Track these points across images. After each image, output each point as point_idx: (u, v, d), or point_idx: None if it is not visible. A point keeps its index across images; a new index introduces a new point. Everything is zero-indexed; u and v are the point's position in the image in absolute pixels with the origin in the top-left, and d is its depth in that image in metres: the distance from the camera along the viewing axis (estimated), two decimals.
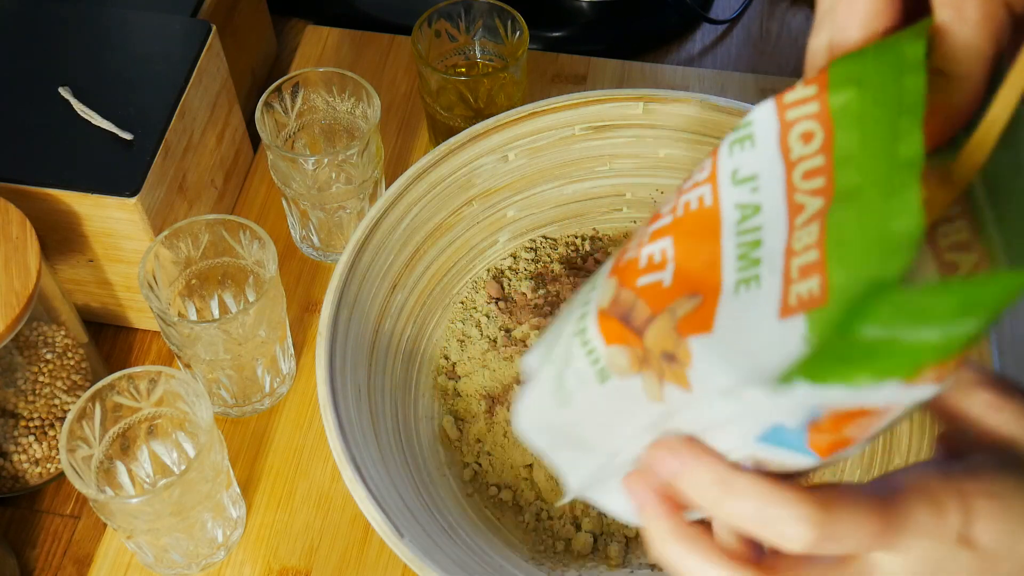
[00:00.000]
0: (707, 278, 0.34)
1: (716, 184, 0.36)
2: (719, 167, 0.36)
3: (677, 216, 0.36)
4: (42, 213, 0.64)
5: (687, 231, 0.35)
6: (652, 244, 0.36)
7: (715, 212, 0.35)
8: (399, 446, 0.61)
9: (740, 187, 0.35)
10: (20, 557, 0.64)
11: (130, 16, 0.71)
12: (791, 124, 0.34)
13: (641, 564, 0.60)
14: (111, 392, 0.57)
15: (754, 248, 0.33)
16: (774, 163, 0.34)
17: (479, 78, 0.75)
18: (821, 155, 0.33)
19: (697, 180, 0.36)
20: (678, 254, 0.35)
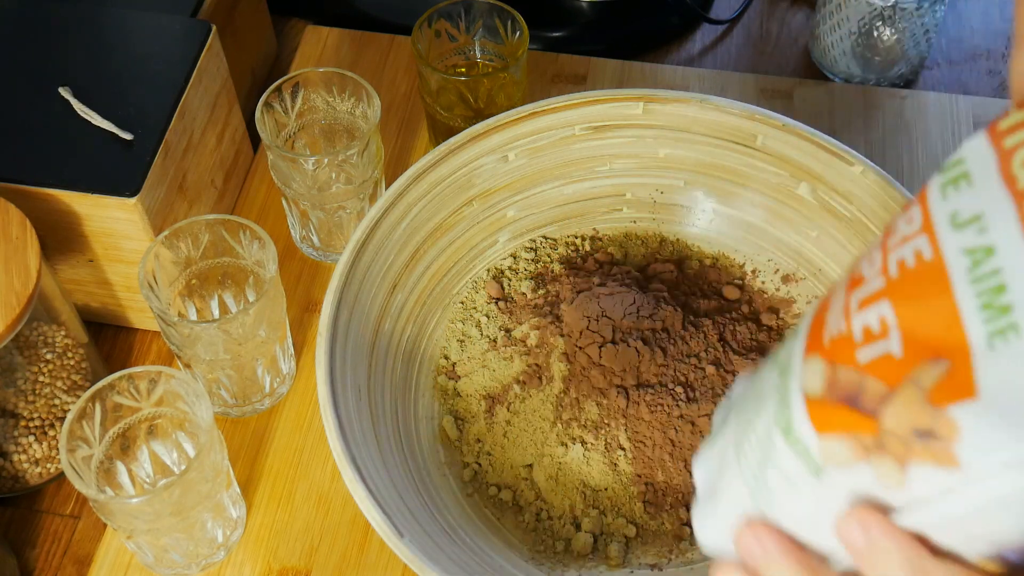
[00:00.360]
0: (948, 338, 0.30)
1: (933, 233, 0.31)
2: (932, 214, 0.32)
3: (891, 277, 0.32)
4: (42, 213, 0.64)
5: (908, 291, 0.31)
6: (864, 312, 0.32)
7: (939, 264, 0.31)
8: (399, 446, 0.61)
9: (964, 231, 0.31)
10: (20, 557, 0.64)
11: (130, 16, 0.71)
12: (1011, 152, 0.31)
13: (641, 564, 0.60)
14: (111, 392, 0.57)
15: (999, 294, 0.29)
16: (1000, 198, 0.30)
17: (479, 78, 0.75)
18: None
19: (906, 234, 0.32)
20: (902, 319, 0.31)
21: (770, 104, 0.82)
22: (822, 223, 0.68)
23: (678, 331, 0.65)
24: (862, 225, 0.66)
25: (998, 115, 0.31)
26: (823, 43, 0.85)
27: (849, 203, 0.66)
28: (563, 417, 0.63)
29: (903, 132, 0.81)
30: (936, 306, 0.30)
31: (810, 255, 0.69)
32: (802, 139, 0.67)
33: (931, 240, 0.31)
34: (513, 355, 0.66)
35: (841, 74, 0.85)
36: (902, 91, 0.84)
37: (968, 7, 0.91)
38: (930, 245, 0.31)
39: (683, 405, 0.63)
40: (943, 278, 0.30)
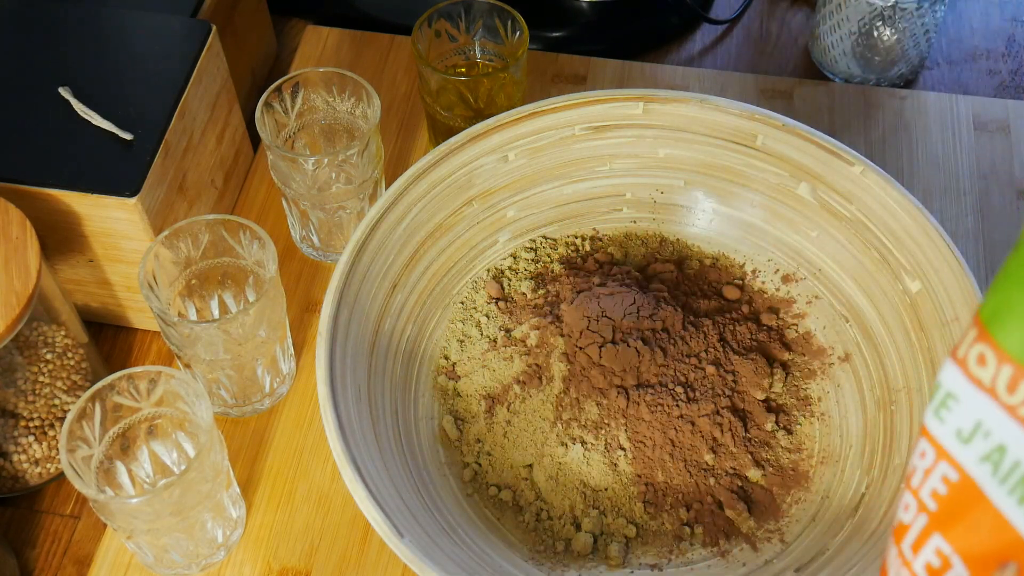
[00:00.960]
0: (1004, 541, 0.32)
1: (949, 456, 0.34)
2: (940, 440, 0.34)
3: (931, 511, 0.34)
4: (42, 213, 0.64)
5: (951, 516, 0.34)
6: (921, 553, 0.34)
7: (966, 480, 0.33)
8: (399, 446, 0.61)
9: (972, 442, 0.33)
10: (20, 557, 0.64)
11: (130, 16, 0.71)
12: (964, 359, 0.34)
13: (641, 564, 0.60)
14: (111, 392, 0.57)
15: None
16: (988, 405, 0.33)
17: (479, 78, 0.75)
18: (1010, 367, 0.32)
19: (927, 467, 0.35)
20: (956, 543, 0.33)
21: (770, 104, 0.82)
22: (822, 223, 0.68)
23: (678, 331, 0.65)
24: (862, 225, 0.66)
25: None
26: (823, 43, 0.85)
27: (849, 203, 0.66)
28: (563, 417, 0.63)
29: (903, 132, 0.81)
30: (980, 518, 0.32)
31: (810, 255, 0.69)
32: (802, 139, 0.67)
33: (951, 463, 0.33)
34: (513, 355, 0.66)
35: (841, 74, 0.85)
36: (902, 91, 0.84)
37: (968, 7, 0.91)
38: (952, 467, 0.33)
39: (683, 405, 0.63)
40: (975, 491, 0.33)
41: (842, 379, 0.66)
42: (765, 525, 0.62)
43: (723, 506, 0.62)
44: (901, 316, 0.64)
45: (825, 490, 0.63)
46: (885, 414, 0.63)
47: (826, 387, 0.67)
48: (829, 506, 0.62)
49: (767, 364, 0.66)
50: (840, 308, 0.68)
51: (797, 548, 0.60)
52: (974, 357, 0.33)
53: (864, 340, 0.66)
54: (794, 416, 0.65)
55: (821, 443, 0.65)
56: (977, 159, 0.80)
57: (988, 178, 0.79)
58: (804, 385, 0.67)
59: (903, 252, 0.64)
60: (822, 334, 0.68)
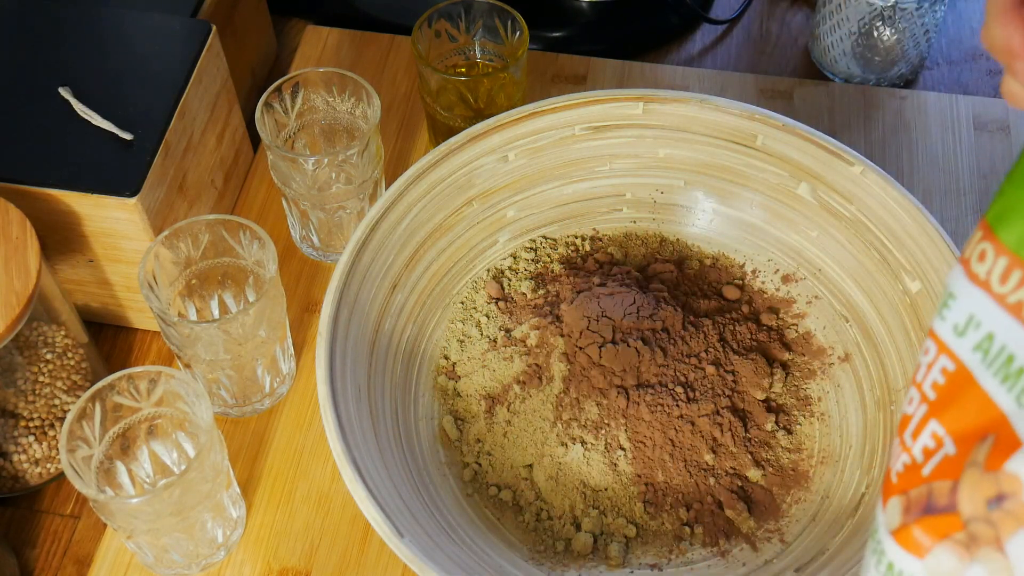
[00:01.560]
0: (987, 418, 0.35)
1: (947, 349, 0.37)
2: (940, 336, 0.37)
3: (931, 400, 0.37)
4: (42, 213, 0.64)
5: (947, 402, 0.36)
6: (919, 438, 0.37)
7: (961, 369, 0.36)
8: (399, 446, 0.61)
9: (966, 334, 0.36)
10: (20, 557, 0.64)
11: (130, 16, 0.71)
12: (968, 259, 0.36)
13: (641, 564, 0.60)
14: (111, 392, 0.57)
15: (1010, 363, 0.34)
16: (981, 297, 0.36)
17: (479, 78, 0.75)
18: (1006, 258, 0.35)
19: (929, 362, 0.38)
20: (949, 425, 0.36)
21: (770, 104, 0.82)
22: (822, 223, 0.68)
23: (678, 331, 0.65)
24: (862, 225, 0.66)
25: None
26: (823, 43, 0.85)
27: (849, 203, 0.66)
28: (563, 417, 0.63)
29: (903, 132, 0.81)
30: (970, 400, 0.35)
31: (810, 255, 0.69)
32: (802, 139, 0.67)
33: (949, 355, 0.36)
34: (513, 355, 0.66)
35: (841, 74, 0.85)
36: (902, 91, 0.84)
37: (968, 7, 0.91)
38: (949, 359, 0.36)
39: (683, 405, 0.63)
40: (968, 377, 0.36)
41: (842, 379, 0.66)
42: (765, 525, 0.62)
43: (723, 506, 0.62)
44: (901, 316, 0.64)
45: (825, 490, 0.63)
46: (885, 414, 0.63)
47: (826, 387, 0.67)
48: (829, 506, 0.62)
49: (767, 364, 0.66)
50: (840, 308, 0.68)
51: (797, 548, 0.60)
52: (976, 255, 0.36)
53: (864, 340, 0.66)
54: (794, 416, 0.65)
55: (821, 443, 0.65)
56: (977, 159, 0.80)
57: (988, 178, 0.79)
58: (804, 385, 0.67)
59: (903, 252, 0.64)
60: (822, 334, 0.68)
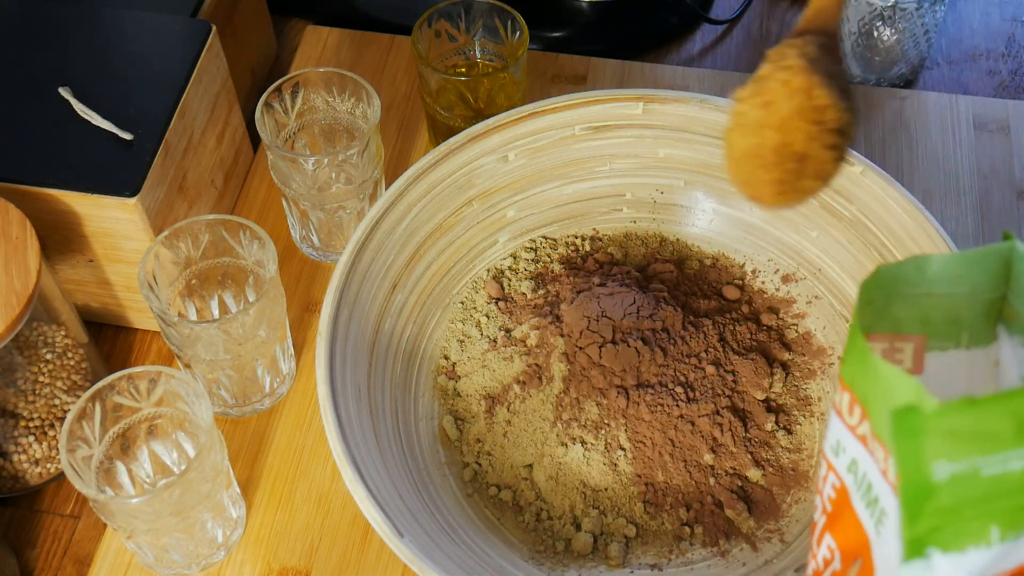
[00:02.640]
0: (857, 540, 0.38)
1: (832, 468, 0.40)
2: (826, 453, 0.41)
3: (827, 512, 0.40)
4: (42, 213, 0.64)
5: (835, 518, 0.40)
6: (820, 548, 0.41)
7: (843, 488, 0.39)
8: (399, 446, 0.61)
9: (839, 456, 0.39)
10: (20, 557, 0.64)
11: (130, 16, 0.71)
12: (840, 387, 0.40)
13: (641, 564, 0.60)
14: (111, 392, 0.57)
15: (870, 491, 0.37)
16: (840, 425, 0.39)
17: (479, 78, 0.75)
18: (847, 393, 0.39)
19: (823, 475, 0.41)
20: (838, 540, 0.39)
21: None
22: (822, 223, 0.68)
23: (678, 331, 0.65)
24: (862, 225, 0.66)
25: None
26: None
27: (849, 203, 0.66)
28: (563, 417, 0.63)
29: (903, 132, 0.81)
30: (848, 520, 0.38)
31: (810, 255, 0.69)
32: None
33: (835, 473, 0.40)
34: (513, 355, 0.66)
35: None
36: (902, 91, 0.84)
37: (968, 7, 0.91)
38: (835, 476, 0.40)
39: (683, 405, 0.63)
40: (846, 497, 0.39)
41: None
42: (765, 525, 0.62)
43: (723, 506, 0.62)
44: None
45: None
46: None
47: (826, 387, 0.67)
48: None
49: (767, 364, 0.66)
50: (840, 308, 0.68)
51: (797, 548, 0.60)
52: (836, 384, 0.40)
53: None
54: (794, 416, 0.65)
55: (821, 443, 0.65)
56: (977, 159, 0.80)
57: (988, 178, 0.79)
58: (804, 385, 0.67)
59: (903, 252, 0.64)
60: (822, 334, 0.68)
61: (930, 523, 0.34)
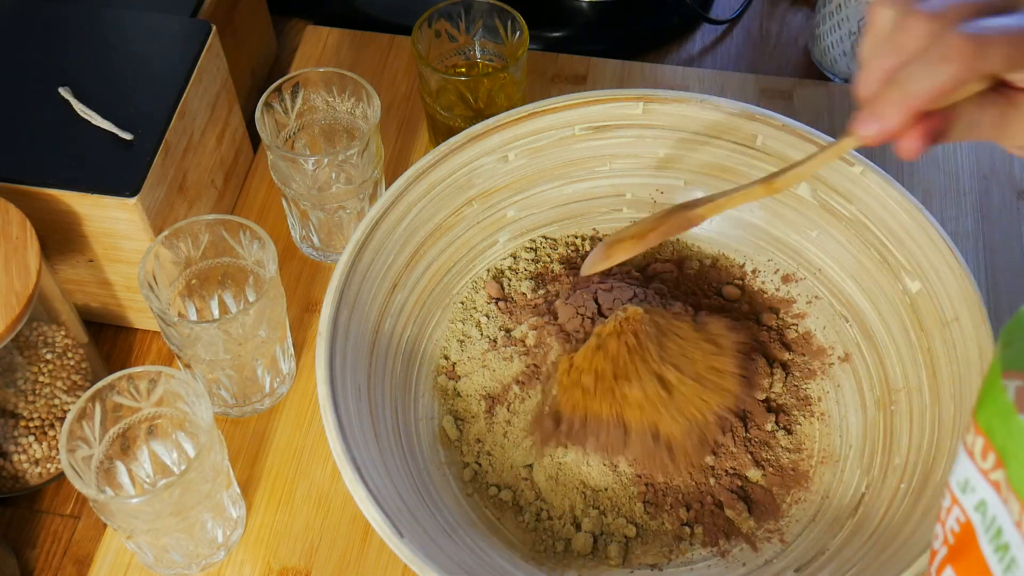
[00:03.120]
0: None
1: (958, 502, 0.40)
2: (951, 488, 0.40)
3: (949, 544, 0.40)
4: (42, 213, 0.64)
5: (957, 552, 0.40)
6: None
7: (968, 525, 0.39)
8: (399, 446, 0.61)
9: (967, 493, 0.39)
10: (20, 557, 0.64)
11: (130, 16, 0.71)
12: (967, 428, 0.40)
13: (641, 564, 0.60)
14: (111, 392, 0.57)
15: (999, 536, 0.37)
16: (971, 466, 0.39)
17: (479, 78, 0.75)
18: (982, 438, 0.38)
19: (947, 507, 0.41)
20: (960, 575, 0.39)
21: (770, 104, 0.82)
22: (822, 223, 0.68)
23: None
24: (862, 225, 0.66)
25: None
26: (823, 43, 0.85)
27: (849, 203, 0.66)
28: None
29: None
30: (973, 559, 0.38)
31: (810, 255, 0.69)
32: (802, 139, 0.67)
33: (960, 508, 0.39)
34: (513, 355, 0.66)
35: (841, 74, 0.85)
36: None
37: None
38: (960, 511, 0.39)
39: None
40: (972, 535, 0.38)
41: (842, 379, 0.66)
42: (765, 525, 0.62)
43: (723, 506, 0.62)
44: (901, 316, 0.64)
45: (825, 490, 0.63)
46: (885, 414, 0.63)
47: (826, 387, 0.67)
48: (829, 506, 0.62)
49: (767, 364, 0.66)
50: (840, 308, 0.68)
51: (797, 548, 0.60)
52: (969, 427, 0.39)
53: (864, 340, 0.66)
54: (794, 416, 0.65)
55: (821, 443, 0.65)
56: (977, 159, 0.80)
57: (988, 178, 0.79)
58: (804, 385, 0.67)
59: (903, 252, 0.64)
60: (822, 334, 0.68)
61: None
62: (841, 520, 0.60)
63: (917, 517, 0.56)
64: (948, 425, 0.59)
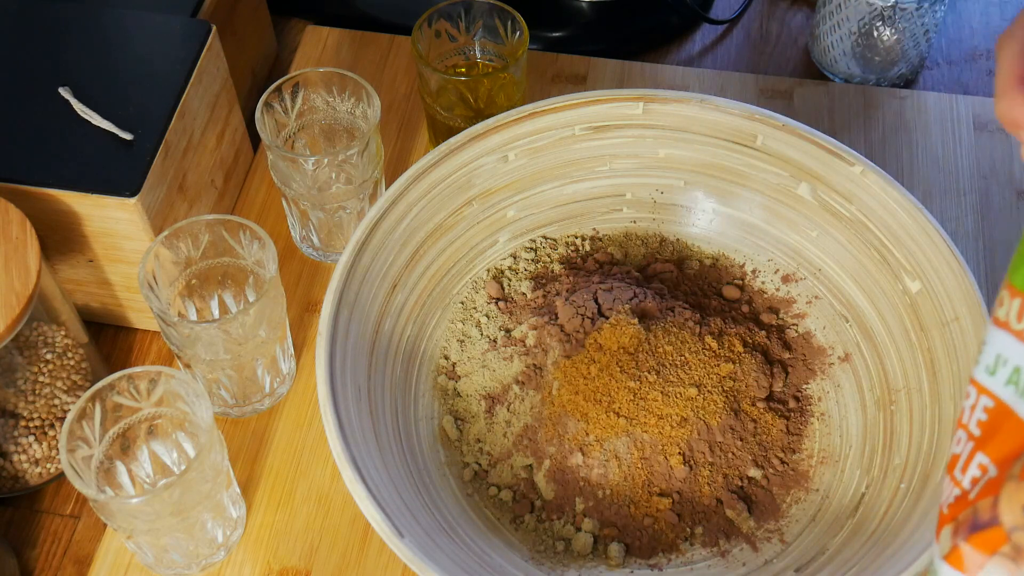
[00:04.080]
0: (1023, 440, 0.39)
1: (986, 390, 0.41)
2: (977, 379, 0.41)
3: (975, 437, 0.41)
4: (42, 213, 0.64)
5: (988, 436, 0.40)
6: (968, 471, 0.41)
7: (1000, 404, 0.40)
8: (399, 446, 0.61)
9: (996, 373, 0.40)
10: (20, 557, 0.64)
11: (130, 16, 0.71)
12: (997, 307, 0.41)
13: (641, 564, 0.60)
14: (111, 392, 0.57)
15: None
16: (1004, 337, 0.40)
17: (479, 78, 0.75)
18: (1020, 300, 0.40)
19: (971, 404, 0.41)
20: (992, 454, 0.40)
21: (770, 104, 0.82)
22: (822, 223, 0.68)
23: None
24: (862, 225, 0.66)
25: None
26: (823, 43, 0.85)
27: (849, 203, 0.66)
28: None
29: (903, 132, 0.81)
30: (1010, 429, 0.39)
31: (810, 255, 0.69)
32: (802, 139, 0.67)
33: (988, 395, 0.40)
34: (513, 355, 0.66)
35: (841, 74, 0.85)
36: (902, 91, 0.84)
37: (968, 7, 0.91)
38: (988, 398, 0.40)
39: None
40: (1006, 410, 0.39)
41: (842, 379, 0.66)
42: (765, 525, 0.62)
43: (723, 506, 0.62)
44: (901, 316, 0.64)
45: (825, 490, 0.63)
46: (885, 414, 0.63)
47: (826, 387, 0.67)
48: (829, 506, 0.62)
49: (767, 364, 0.66)
50: (840, 308, 0.68)
51: (797, 548, 0.60)
52: (997, 302, 0.41)
53: (864, 340, 0.66)
54: (794, 416, 0.65)
55: (821, 443, 0.65)
56: (977, 159, 0.80)
57: (988, 178, 0.79)
58: (804, 385, 0.67)
59: (903, 252, 0.64)
60: (822, 334, 0.68)
61: None
62: (841, 520, 0.60)
63: (917, 517, 0.56)
64: (948, 425, 0.59)
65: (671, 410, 0.62)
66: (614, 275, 0.69)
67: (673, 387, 0.63)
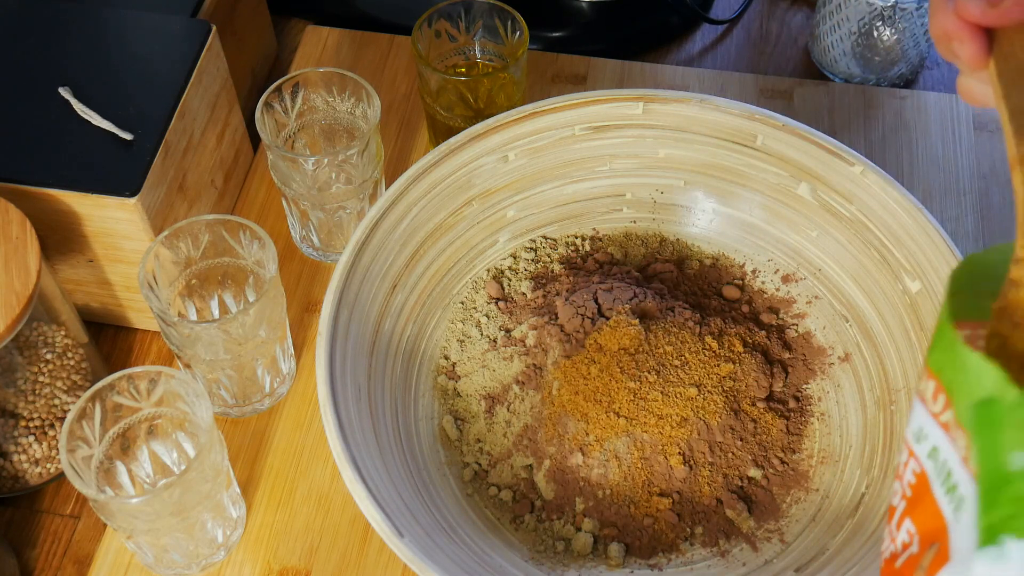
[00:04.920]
0: (937, 525, 0.38)
1: (913, 454, 0.41)
2: (908, 440, 0.42)
3: (907, 497, 0.41)
4: (42, 213, 0.64)
5: (914, 503, 0.41)
6: (899, 533, 0.42)
7: (923, 474, 0.40)
8: (399, 446, 0.61)
9: (921, 443, 0.40)
10: (20, 557, 0.64)
11: (130, 16, 0.71)
12: (922, 375, 0.41)
13: (641, 564, 0.60)
14: (111, 392, 0.57)
15: (949, 477, 0.38)
16: (924, 413, 0.40)
17: (479, 78, 0.75)
18: (932, 381, 0.39)
19: (904, 462, 0.42)
20: (917, 524, 0.40)
21: (770, 104, 0.82)
22: (822, 223, 0.68)
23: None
24: (862, 225, 0.66)
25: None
26: (823, 43, 0.85)
27: (849, 203, 0.66)
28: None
29: (903, 132, 0.81)
30: (928, 506, 0.39)
31: (810, 255, 0.69)
32: (802, 139, 0.67)
33: (915, 459, 0.41)
34: (513, 355, 0.66)
35: (841, 74, 0.85)
36: (902, 91, 0.84)
37: None
38: (916, 463, 0.41)
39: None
40: (926, 482, 0.40)
41: (842, 379, 0.66)
42: (765, 525, 0.62)
43: (723, 506, 0.62)
44: (901, 316, 0.64)
45: (825, 490, 0.63)
46: (885, 414, 0.63)
47: (826, 387, 0.67)
48: (829, 506, 0.62)
49: (767, 364, 0.66)
50: (840, 308, 0.68)
51: (797, 548, 0.60)
52: (920, 377, 0.41)
53: (864, 340, 0.66)
54: (794, 416, 0.65)
55: (821, 443, 0.65)
56: (977, 159, 0.80)
57: (988, 178, 0.79)
58: (804, 385, 0.67)
59: (903, 252, 0.64)
60: (822, 334, 0.68)
61: (1006, 511, 0.34)
62: (841, 520, 0.60)
63: None
64: None
65: (671, 410, 0.62)
66: (614, 275, 0.69)
67: (673, 387, 0.63)
